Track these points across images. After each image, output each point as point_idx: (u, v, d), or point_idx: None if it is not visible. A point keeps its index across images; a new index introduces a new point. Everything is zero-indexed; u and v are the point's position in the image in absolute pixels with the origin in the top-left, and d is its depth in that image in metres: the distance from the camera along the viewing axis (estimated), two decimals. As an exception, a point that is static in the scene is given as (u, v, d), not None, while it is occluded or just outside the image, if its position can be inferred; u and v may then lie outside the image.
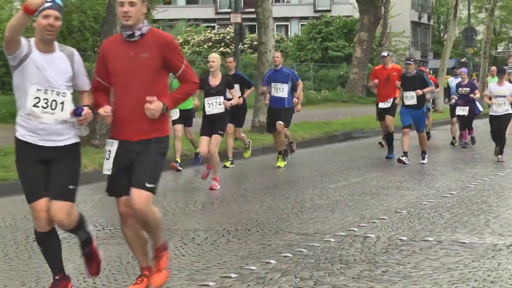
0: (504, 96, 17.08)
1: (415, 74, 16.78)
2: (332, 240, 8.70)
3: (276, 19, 49.60)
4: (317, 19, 58.18)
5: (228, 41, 54.23)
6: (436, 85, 24.79)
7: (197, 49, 55.94)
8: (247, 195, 12.46)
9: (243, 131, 18.01)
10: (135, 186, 6.21)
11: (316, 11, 63.81)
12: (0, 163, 14.11)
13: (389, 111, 17.88)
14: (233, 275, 7.15)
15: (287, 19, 65.09)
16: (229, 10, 46.73)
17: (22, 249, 8.45)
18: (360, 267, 7.45)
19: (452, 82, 21.96)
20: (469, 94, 20.40)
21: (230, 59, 16.89)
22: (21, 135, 6.22)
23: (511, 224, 9.70)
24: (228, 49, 53.99)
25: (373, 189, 12.92)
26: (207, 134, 13.38)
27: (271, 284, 6.88)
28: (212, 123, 13.43)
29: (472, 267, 7.44)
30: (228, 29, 55.22)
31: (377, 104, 18.44)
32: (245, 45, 54.11)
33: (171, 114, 15.98)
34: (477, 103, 21.09)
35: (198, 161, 16.14)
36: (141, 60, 6.25)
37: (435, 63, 52.65)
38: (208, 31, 58.17)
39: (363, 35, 43.51)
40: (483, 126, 18.79)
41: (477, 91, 20.87)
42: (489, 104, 17.54)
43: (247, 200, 11.88)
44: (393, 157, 17.64)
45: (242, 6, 46.58)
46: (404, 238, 8.81)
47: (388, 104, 17.71)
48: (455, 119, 21.13)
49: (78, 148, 6.40)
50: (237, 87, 16.38)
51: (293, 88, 16.65)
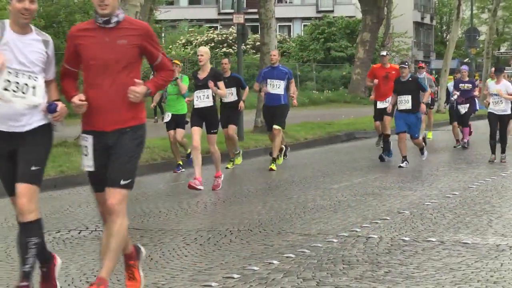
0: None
1: (410, 78, 16.55)
2: (335, 241, 8.70)
3: (279, 20, 49.69)
4: (320, 20, 58.24)
5: (231, 42, 54.27)
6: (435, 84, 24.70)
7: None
8: (250, 196, 12.47)
9: (241, 132, 17.84)
10: (110, 185, 6.01)
11: (319, 12, 63.86)
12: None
13: (387, 112, 17.53)
14: (236, 276, 7.15)
15: (290, 20, 65.13)
16: (232, 11, 46.74)
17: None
18: (363, 268, 7.45)
19: (451, 87, 21.40)
20: (472, 90, 20.21)
21: (226, 61, 16.63)
22: None
23: (514, 225, 9.70)
24: (231, 50, 54.03)
25: (376, 190, 12.92)
26: (198, 125, 13.08)
27: (274, 285, 6.88)
28: (202, 117, 13.14)
29: (475, 268, 7.43)
30: (231, 30, 55.25)
31: (375, 104, 18.13)
32: (248, 46, 54.14)
33: (166, 117, 15.82)
34: (476, 101, 20.92)
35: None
36: (118, 47, 6.04)
37: (438, 64, 52.70)
38: (211, 32, 58.23)
39: (366, 36, 43.54)
40: (486, 127, 18.70)
41: (477, 89, 20.70)
42: (487, 103, 17.44)
43: (250, 201, 11.88)
44: (390, 157, 17.57)
45: (245, 7, 46.61)
46: (407, 239, 8.81)
47: (386, 104, 17.44)
48: (456, 123, 20.80)
49: (48, 129, 6.09)
50: (234, 90, 16.31)
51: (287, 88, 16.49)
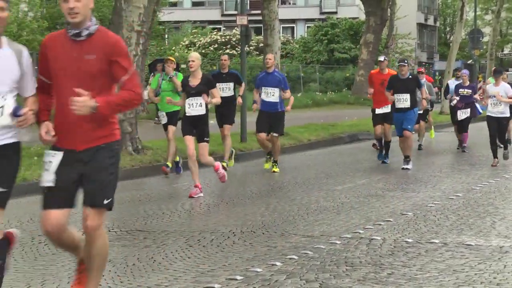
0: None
1: (410, 77, 16.36)
2: (338, 242, 8.69)
3: (282, 21, 49.63)
4: (323, 21, 58.23)
5: (234, 43, 54.28)
6: (434, 85, 24.60)
7: (203, 51, 56.02)
8: (253, 197, 12.46)
9: (244, 134, 17.73)
10: (91, 205, 5.66)
11: (322, 13, 63.84)
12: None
13: (387, 119, 17.26)
14: (239, 277, 7.15)
15: (293, 21, 65.12)
16: (235, 12, 46.72)
17: (28, 251, 8.46)
18: (366, 269, 7.45)
19: (452, 84, 21.33)
20: (472, 95, 20.03)
21: (225, 57, 16.62)
22: None
23: (517, 226, 9.69)
24: (234, 51, 54.03)
25: (379, 191, 12.91)
26: (190, 133, 12.71)
27: (277, 286, 6.87)
28: (193, 125, 12.72)
29: (478, 269, 7.42)
30: (234, 31, 55.26)
31: (373, 110, 17.69)
32: (251, 47, 54.16)
33: (161, 118, 15.58)
34: (477, 105, 20.67)
35: (180, 170, 15.62)
36: (85, 63, 5.58)
37: (441, 65, 52.67)
38: (214, 33, 58.25)
39: (369, 37, 43.49)
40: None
41: (477, 94, 20.45)
42: (484, 104, 17.26)
43: (253, 202, 11.88)
44: (387, 161, 17.33)
45: (248, 8, 46.57)
46: (410, 240, 8.80)
47: (386, 110, 17.09)
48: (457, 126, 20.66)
49: (16, 149, 5.57)
50: (232, 85, 16.34)
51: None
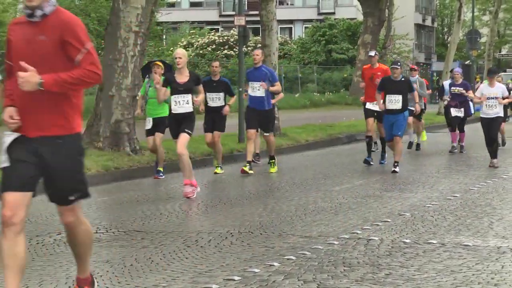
0: (495, 98, 16.35)
1: (402, 79, 16.07)
2: (336, 243, 8.69)
3: (280, 22, 49.66)
4: (321, 22, 58.30)
5: (232, 44, 54.33)
6: (427, 87, 24.45)
7: (201, 52, 56.05)
8: (251, 198, 12.47)
9: (242, 135, 17.53)
10: (59, 203, 5.65)
11: (320, 14, 63.92)
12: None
13: (379, 116, 17.04)
14: (237, 278, 7.15)
15: (291, 22, 65.19)
16: (233, 13, 46.79)
17: (25, 252, 8.43)
18: (364, 270, 7.45)
19: (447, 85, 21.05)
20: (463, 93, 19.60)
21: (216, 64, 16.16)
22: None
23: (515, 227, 9.70)
24: (232, 52, 54.08)
25: (377, 192, 12.92)
26: (177, 135, 12.54)
27: (275, 287, 6.87)
28: (180, 123, 12.57)
29: (476, 270, 7.43)
30: (232, 32, 55.31)
31: (364, 104, 17.57)
32: (249, 48, 54.12)
33: (146, 123, 15.10)
34: (471, 104, 20.41)
35: (161, 176, 15.09)
36: (38, 44, 5.41)
37: (439, 66, 52.72)
38: (212, 34, 58.29)
39: (367, 38, 43.53)
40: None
41: (471, 91, 20.00)
42: (478, 104, 16.89)
43: (251, 203, 11.88)
44: (370, 160, 17.07)
45: (246, 9, 46.65)
46: (408, 241, 8.81)
47: (377, 107, 16.75)
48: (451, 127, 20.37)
49: None
50: (222, 95, 15.92)
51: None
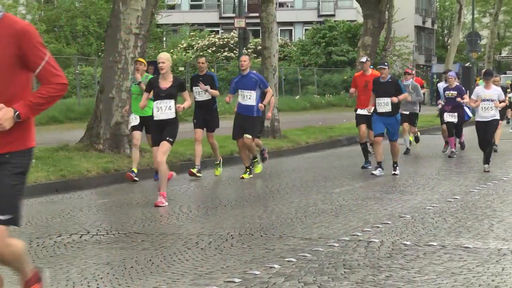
0: (492, 100, 16.03)
1: (390, 80, 15.74)
2: (336, 245, 8.69)
3: (280, 24, 49.69)
4: (321, 24, 58.34)
5: (232, 46, 54.35)
6: (422, 86, 24.34)
7: (201, 54, 56.06)
8: (251, 200, 12.46)
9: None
10: None
11: (320, 16, 63.92)
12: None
13: (369, 113, 16.45)
14: (237, 280, 7.14)
15: (291, 24, 65.19)
16: (233, 15, 46.83)
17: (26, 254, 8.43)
18: (364, 272, 7.44)
19: (441, 87, 20.75)
20: (456, 98, 19.28)
21: (202, 60, 15.72)
22: None
23: (515, 229, 9.69)
24: (232, 54, 54.08)
25: (377, 194, 12.91)
26: (159, 143, 12.14)
27: (275, 289, 6.87)
28: (162, 129, 12.18)
29: (476, 272, 7.42)
30: (232, 34, 55.32)
31: (356, 110, 17.39)
32: (249, 50, 54.18)
33: (131, 121, 14.98)
34: (466, 109, 20.20)
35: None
36: None
37: (439, 68, 52.70)
38: (212, 36, 58.32)
39: (367, 40, 43.38)
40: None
41: (466, 96, 19.67)
42: (474, 108, 16.58)
43: (251, 205, 11.88)
44: (367, 166, 16.83)
45: (246, 11, 46.69)
46: (408, 243, 8.80)
47: (368, 112, 16.36)
48: (445, 126, 20.05)
49: None
50: (208, 88, 15.43)
51: (263, 96, 15.64)
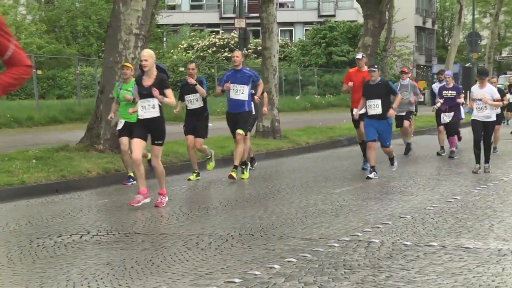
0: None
1: (380, 82, 15.56)
2: (336, 245, 8.69)
3: (280, 24, 49.71)
4: (321, 24, 58.34)
5: (233, 46, 54.33)
6: (420, 90, 24.29)
7: (202, 54, 56.09)
8: (251, 200, 12.46)
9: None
10: None
11: (320, 16, 63.93)
12: (5, 168, 14.12)
13: (355, 118, 16.46)
14: (237, 280, 7.14)
15: (292, 24, 65.20)
16: (234, 15, 46.84)
17: (26, 254, 8.45)
18: (364, 272, 7.45)
19: (436, 88, 20.70)
20: (456, 97, 19.30)
21: (192, 65, 15.27)
22: None
23: (516, 229, 9.69)
24: (233, 54, 54.02)
25: (377, 194, 12.92)
26: (140, 136, 11.69)
27: (275, 289, 6.87)
28: (146, 128, 11.72)
29: (477, 272, 7.42)
30: (233, 34, 55.33)
31: (352, 110, 16.91)
32: (250, 50, 54.22)
33: (118, 124, 14.62)
34: (461, 109, 20.08)
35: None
36: None
37: (440, 68, 52.72)
38: (213, 36, 58.34)
39: (368, 40, 43.32)
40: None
41: (462, 96, 19.68)
42: (470, 108, 16.44)
43: (251, 205, 11.88)
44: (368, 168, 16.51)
45: (247, 11, 46.68)
46: (408, 243, 8.80)
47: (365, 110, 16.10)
48: (442, 127, 20.01)
49: None
50: (199, 96, 15.20)
51: (254, 90, 15.62)
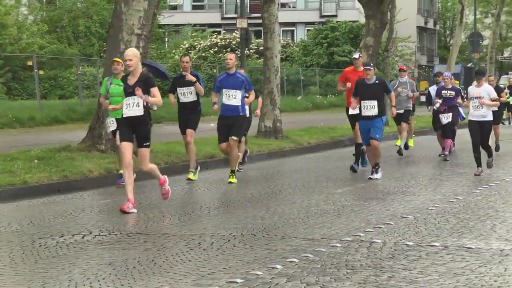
0: (480, 98, 15.52)
1: (376, 82, 15.30)
2: (338, 245, 8.69)
3: (282, 24, 49.67)
4: (323, 24, 58.28)
5: (234, 46, 54.30)
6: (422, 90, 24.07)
7: (203, 54, 56.06)
8: (253, 200, 12.46)
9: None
10: None
11: (322, 16, 63.87)
12: (7, 168, 14.12)
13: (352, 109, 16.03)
14: (239, 280, 7.14)
15: (293, 24, 65.14)
16: (235, 15, 46.75)
17: (28, 254, 8.45)
18: (366, 273, 7.44)
19: (433, 91, 20.37)
20: (454, 98, 19.11)
21: (186, 59, 15.08)
22: None
23: (518, 230, 9.69)
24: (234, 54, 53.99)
25: (379, 194, 12.91)
26: (128, 139, 11.40)
27: (277, 289, 6.87)
28: (132, 128, 11.42)
29: (479, 273, 7.42)
30: (234, 34, 55.29)
31: (347, 110, 16.83)
32: (251, 50, 54.19)
33: (109, 125, 14.27)
34: (460, 110, 19.90)
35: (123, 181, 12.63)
36: None
37: (441, 68, 52.69)
38: (214, 36, 58.30)
39: (369, 40, 43.26)
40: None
41: (460, 96, 19.49)
42: (466, 106, 16.32)
43: (253, 205, 11.87)
44: (365, 166, 16.67)
45: (248, 11, 46.60)
46: (410, 243, 8.80)
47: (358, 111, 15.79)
48: (439, 132, 19.81)
49: None
50: (193, 89, 15.06)
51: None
